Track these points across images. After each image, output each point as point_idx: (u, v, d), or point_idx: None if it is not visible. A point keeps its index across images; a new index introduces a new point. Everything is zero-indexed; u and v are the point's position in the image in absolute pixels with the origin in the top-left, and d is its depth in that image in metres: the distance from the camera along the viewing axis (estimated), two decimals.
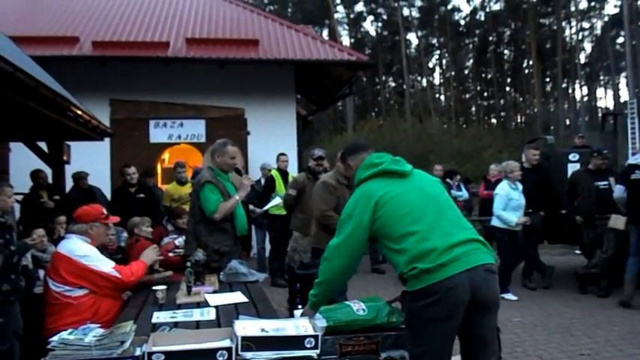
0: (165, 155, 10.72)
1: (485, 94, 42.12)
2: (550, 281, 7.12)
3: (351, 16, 41.61)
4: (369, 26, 43.03)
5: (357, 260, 2.60)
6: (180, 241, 4.83)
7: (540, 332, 5.23)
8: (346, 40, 39.49)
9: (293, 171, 8.91)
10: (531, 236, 6.94)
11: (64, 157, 6.97)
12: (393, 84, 42.61)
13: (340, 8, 40.95)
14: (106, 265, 3.37)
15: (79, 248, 3.39)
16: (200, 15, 11.99)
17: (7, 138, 7.59)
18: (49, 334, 2.47)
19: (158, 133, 10.08)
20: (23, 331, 4.07)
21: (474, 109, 42.37)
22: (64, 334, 2.21)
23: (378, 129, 23.80)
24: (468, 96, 42.83)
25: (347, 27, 41.97)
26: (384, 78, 40.56)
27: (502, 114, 40.21)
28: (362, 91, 38.06)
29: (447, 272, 2.33)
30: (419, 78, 41.22)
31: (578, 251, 8.57)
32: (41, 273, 4.47)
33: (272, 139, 9.54)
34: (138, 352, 2.14)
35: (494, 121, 39.48)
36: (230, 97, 10.16)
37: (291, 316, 2.99)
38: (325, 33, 38.35)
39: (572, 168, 7.71)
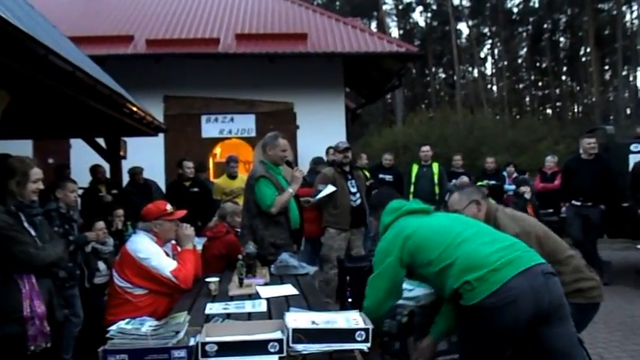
0: (217, 150, 10.91)
1: (540, 83, 40.74)
2: (609, 277, 6.84)
3: (400, 7, 41.05)
4: (419, 17, 42.33)
5: (394, 294, 2.71)
6: None
7: (600, 330, 5.03)
8: (395, 32, 39.06)
9: None
10: (590, 231, 6.68)
11: (121, 153, 7.20)
12: (443, 75, 41.84)
13: None
14: (164, 269, 3.38)
15: (142, 248, 3.43)
16: (249, 10, 12.12)
17: (68, 134, 7.92)
18: (108, 325, 2.56)
19: (210, 128, 10.28)
20: (84, 319, 4.26)
21: (528, 99, 41.08)
22: (121, 324, 2.29)
23: (428, 121, 23.42)
24: (521, 86, 41.56)
25: (396, 18, 41.47)
26: (433, 69, 39.89)
27: (558, 104, 38.79)
28: (411, 83, 37.58)
29: (502, 277, 2.27)
30: (470, 68, 40.31)
31: None
32: (100, 264, 4.67)
33: (321, 133, 9.56)
34: (192, 342, 2.18)
35: (549, 111, 38.16)
36: (279, 92, 10.24)
37: (342, 309, 2.99)
38: (374, 25, 38.06)
39: (634, 159, 7.35)
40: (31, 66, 3.47)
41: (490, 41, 40.98)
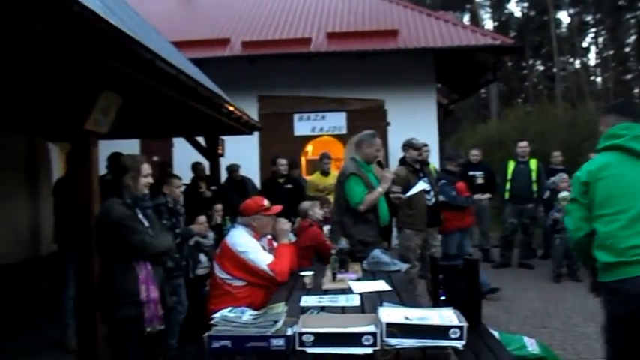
0: (309, 147, 11.12)
1: None
2: None
3: None
4: (514, 7, 40.54)
5: (585, 234, 2.65)
6: (325, 229, 5.01)
7: None
8: (489, 24, 37.67)
9: (434, 162, 8.78)
10: None
11: (219, 151, 7.55)
12: (541, 67, 39.76)
13: None
14: (262, 262, 3.54)
15: (241, 242, 3.61)
16: (340, 9, 12.22)
17: (171, 134, 8.41)
18: (210, 313, 2.73)
19: (302, 126, 10.50)
20: (188, 309, 4.53)
21: (636, 90, 38.13)
22: (224, 312, 2.43)
23: (524, 116, 22.39)
24: (629, 76, 38.60)
25: (489, 10, 39.96)
26: (531, 61, 38.02)
27: None
28: (507, 77, 36.04)
29: (629, 272, 2.32)
30: (571, 59, 37.99)
31: None
32: (201, 256, 4.94)
33: (412, 130, 9.34)
34: (289, 332, 2.27)
35: None
36: (370, 89, 10.25)
37: (434, 306, 2.98)
38: (466, 18, 36.91)
39: None
40: (139, 70, 3.74)
41: (593, 30, 38.41)
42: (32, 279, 6.32)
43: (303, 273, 3.53)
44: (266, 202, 3.82)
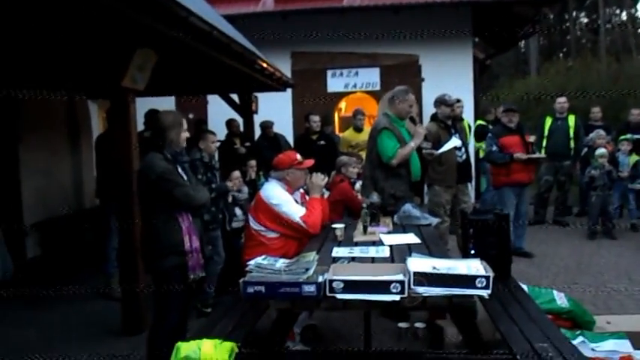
0: (342, 104, 11.09)
1: None
2: None
3: None
4: None
5: None
6: (357, 186, 5.08)
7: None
8: None
9: (469, 118, 8.67)
10: None
11: (253, 108, 7.63)
12: (585, 20, 38.09)
13: None
14: (294, 214, 3.64)
15: (274, 195, 3.71)
16: None
17: (205, 91, 8.52)
18: (246, 264, 2.86)
19: (335, 82, 10.44)
20: (225, 260, 4.70)
21: None
22: (258, 259, 2.54)
23: (566, 71, 21.68)
24: None
25: None
26: (574, 14, 36.43)
27: None
28: (548, 30, 34.71)
29: None
30: (617, 11, 36.25)
31: None
32: (237, 210, 5.09)
33: (447, 86, 9.18)
34: (320, 279, 2.37)
35: None
36: (404, 44, 10.05)
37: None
38: None
39: None
40: (174, 27, 3.80)
41: None
42: (77, 231, 6.62)
43: (335, 225, 3.62)
44: (299, 156, 3.89)
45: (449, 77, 9.58)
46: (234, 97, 7.45)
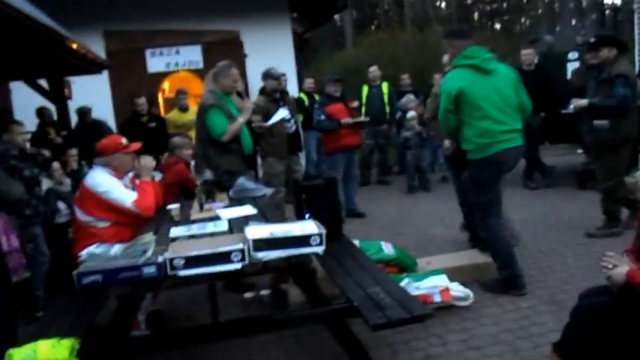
0: (165, 85, 10.70)
1: None
2: (551, 180, 7.31)
3: None
4: None
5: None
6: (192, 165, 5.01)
7: (540, 227, 5.47)
8: None
9: (293, 91, 8.94)
10: (532, 138, 7.04)
11: (66, 93, 7.03)
12: None
13: None
14: (125, 199, 3.50)
15: (101, 182, 3.53)
16: None
17: (6, 78, 7.62)
18: (77, 258, 2.68)
19: (155, 62, 10.00)
20: (50, 259, 4.35)
21: (476, 15, 41.01)
22: (91, 249, 2.43)
23: (378, 43, 23.26)
24: (470, 1, 41.34)
25: None
26: None
27: (505, 18, 38.91)
28: (360, 4, 36.80)
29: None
30: None
31: (580, 150, 8.68)
32: (60, 204, 4.72)
33: (270, 60, 9.30)
34: (160, 259, 2.34)
35: (498, 26, 38.27)
36: (225, 20, 9.97)
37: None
38: None
39: (572, 67, 7.66)
40: None
41: None
42: None
43: (170, 206, 3.56)
44: (124, 140, 3.74)
45: (271, 52, 9.73)
46: (43, 82, 6.79)
